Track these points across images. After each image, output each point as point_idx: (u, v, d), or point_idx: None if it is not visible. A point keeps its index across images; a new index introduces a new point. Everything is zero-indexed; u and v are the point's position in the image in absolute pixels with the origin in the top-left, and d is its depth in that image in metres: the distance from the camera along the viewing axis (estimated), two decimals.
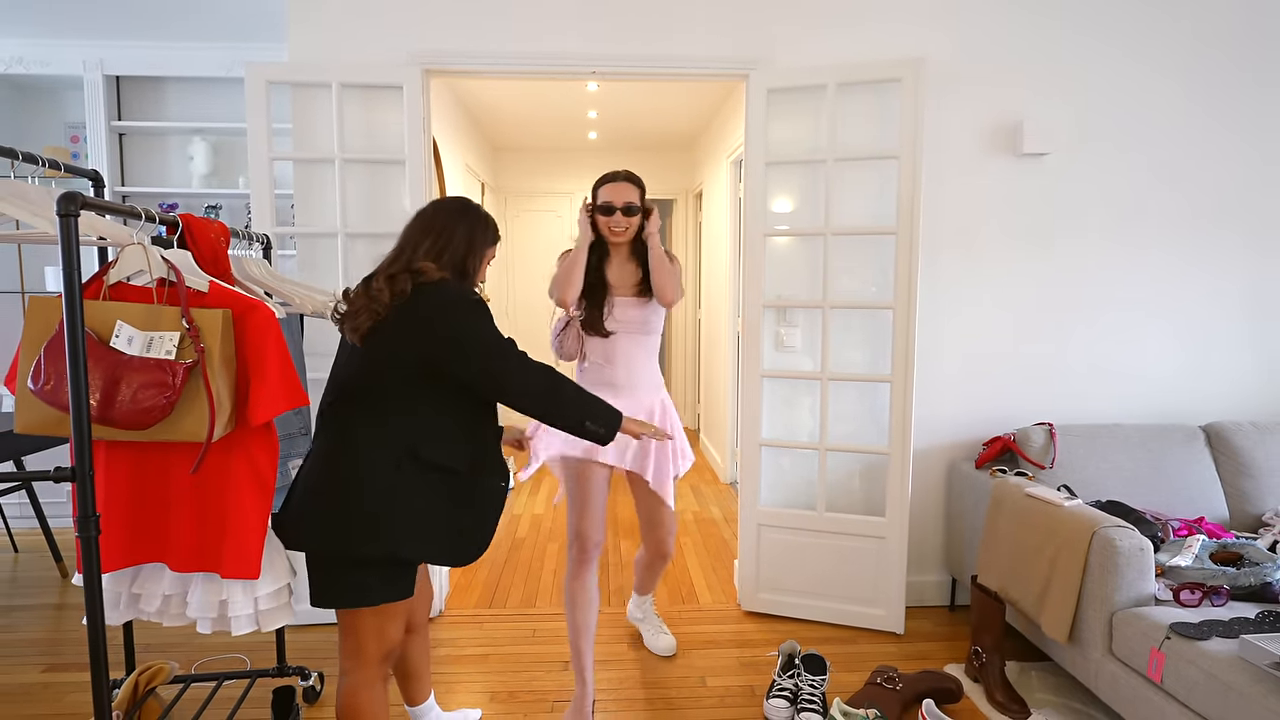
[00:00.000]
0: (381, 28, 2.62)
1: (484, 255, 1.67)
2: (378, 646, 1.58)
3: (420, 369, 1.52)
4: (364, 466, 1.50)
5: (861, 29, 2.70)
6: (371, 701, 1.59)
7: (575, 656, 2.12)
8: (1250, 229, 2.84)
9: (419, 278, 1.52)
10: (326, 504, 1.51)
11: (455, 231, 1.61)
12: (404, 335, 1.51)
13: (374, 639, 1.57)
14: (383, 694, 1.61)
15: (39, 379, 1.44)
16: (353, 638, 1.57)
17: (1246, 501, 2.53)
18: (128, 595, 1.67)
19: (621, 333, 2.16)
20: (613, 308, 2.16)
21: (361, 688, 1.58)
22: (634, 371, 2.17)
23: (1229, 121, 2.80)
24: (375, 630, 1.56)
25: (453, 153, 4.48)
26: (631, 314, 2.17)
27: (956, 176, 2.76)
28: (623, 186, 2.14)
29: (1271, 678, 1.54)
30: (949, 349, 2.82)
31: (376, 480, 1.49)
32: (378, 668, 1.59)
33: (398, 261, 1.57)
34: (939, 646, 2.59)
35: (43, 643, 2.59)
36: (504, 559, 3.41)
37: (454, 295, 1.54)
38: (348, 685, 1.59)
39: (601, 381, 2.16)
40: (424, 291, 1.52)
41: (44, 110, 3.90)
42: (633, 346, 2.17)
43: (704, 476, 4.97)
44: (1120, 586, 1.94)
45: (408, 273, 1.53)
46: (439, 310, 1.52)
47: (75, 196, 1.35)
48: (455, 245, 1.61)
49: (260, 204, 2.58)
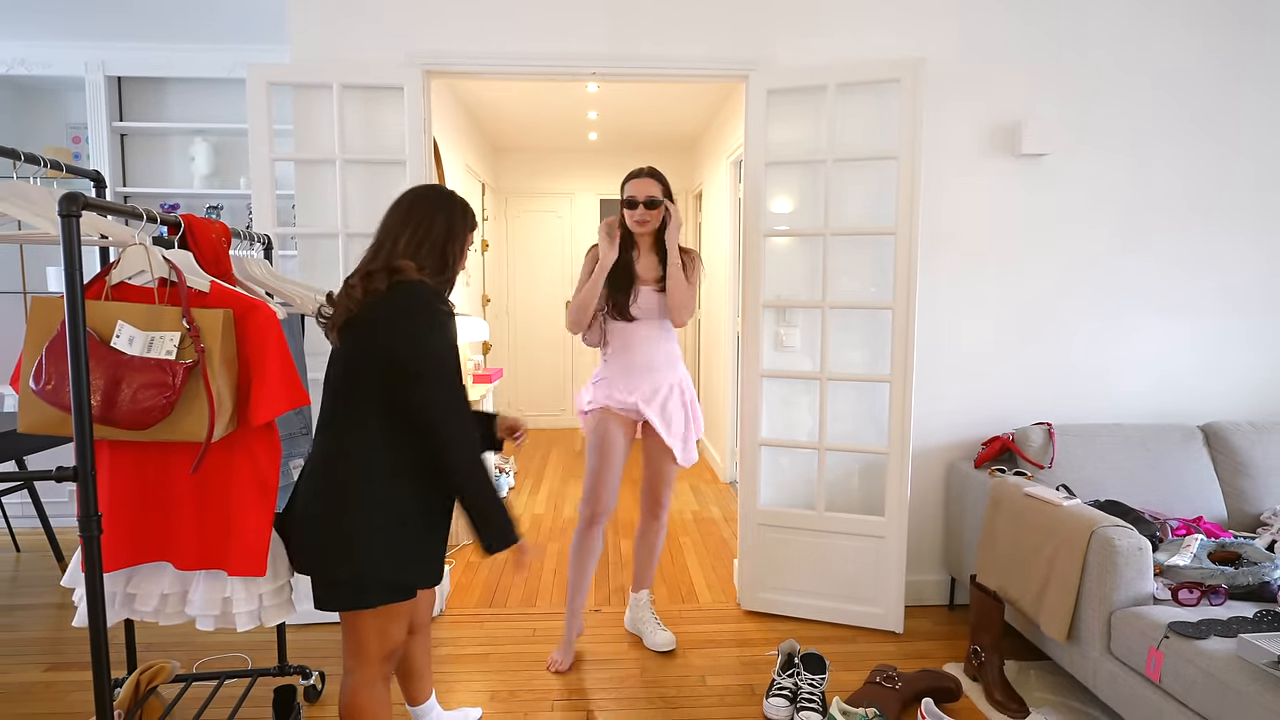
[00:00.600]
0: (382, 28, 2.62)
1: (464, 242, 1.67)
2: (380, 646, 1.58)
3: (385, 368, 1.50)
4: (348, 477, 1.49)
5: (861, 30, 2.70)
6: (373, 701, 1.59)
7: (571, 597, 2.41)
8: (1249, 229, 2.85)
9: (396, 276, 1.51)
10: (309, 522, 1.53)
11: (435, 220, 1.61)
12: (375, 332, 1.50)
13: (376, 639, 1.57)
14: (385, 693, 1.62)
15: (41, 379, 1.44)
16: (355, 637, 1.57)
17: (1244, 501, 2.54)
18: (122, 595, 1.66)
19: (642, 319, 2.35)
20: (637, 296, 2.33)
21: (363, 687, 1.58)
22: (653, 354, 2.37)
23: (1228, 122, 2.80)
24: (377, 630, 1.57)
25: (453, 153, 4.49)
26: (653, 302, 2.35)
27: (956, 177, 2.76)
28: (646, 182, 2.31)
29: (1269, 676, 1.55)
30: (948, 349, 2.83)
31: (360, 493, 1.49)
32: (380, 667, 1.60)
33: (377, 258, 1.56)
34: (938, 645, 2.59)
35: (45, 642, 2.60)
36: (504, 559, 3.41)
37: (423, 300, 1.51)
38: (350, 684, 1.59)
39: (623, 364, 2.37)
40: (398, 290, 1.51)
41: (46, 111, 3.91)
42: (652, 331, 2.37)
43: (704, 476, 4.97)
44: (1119, 586, 1.95)
45: (386, 271, 1.52)
46: (403, 313, 1.50)
47: (77, 197, 1.36)
48: (435, 234, 1.60)
49: (261, 204, 2.59)
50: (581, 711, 2.18)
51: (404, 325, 1.49)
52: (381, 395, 1.50)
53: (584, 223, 6.40)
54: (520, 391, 6.42)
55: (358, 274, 1.55)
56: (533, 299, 6.38)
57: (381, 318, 1.50)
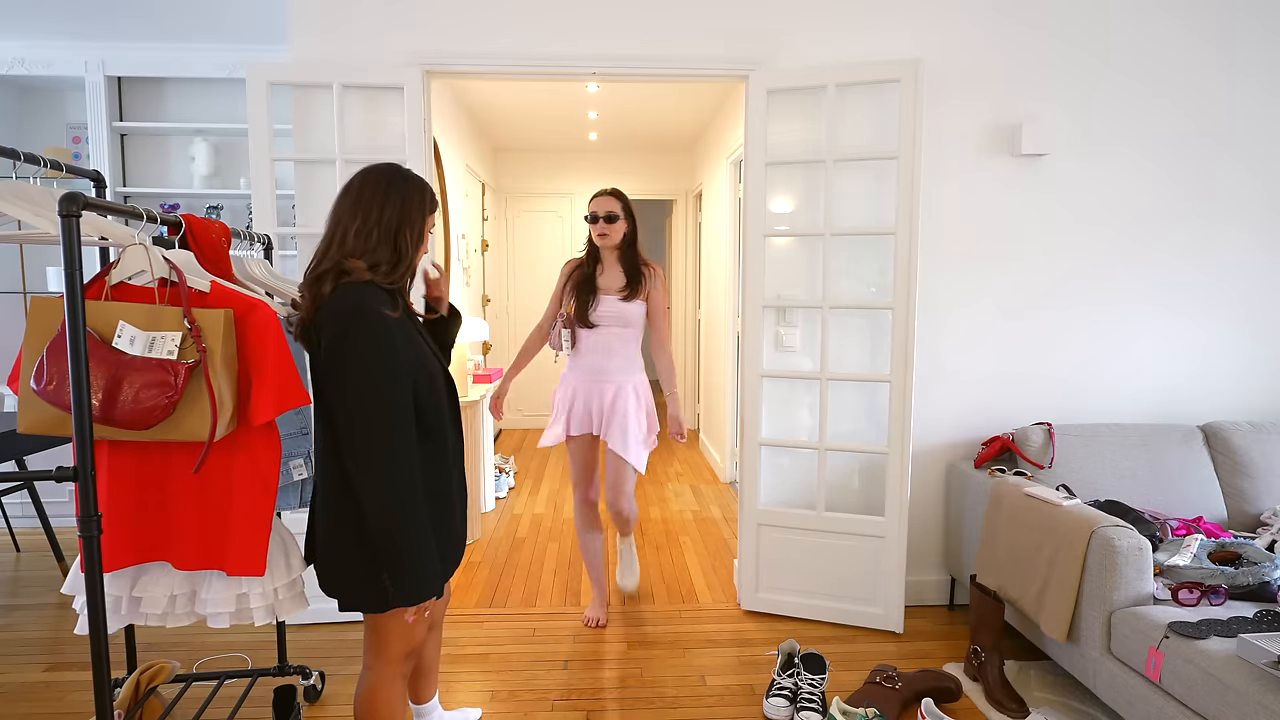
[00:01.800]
0: (382, 29, 2.62)
1: (421, 227, 1.52)
2: (402, 645, 1.59)
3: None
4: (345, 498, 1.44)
5: (860, 30, 2.70)
6: (391, 699, 1.60)
7: (590, 572, 2.81)
8: (1248, 229, 2.85)
9: (344, 279, 1.41)
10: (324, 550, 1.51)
11: (385, 206, 1.46)
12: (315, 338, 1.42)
13: (399, 637, 1.57)
14: (402, 691, 1.63)
15: (41, 379, 1.44)
16: (379, 635, 1.58)
17: (1244, 501, 2.54)
18: (128, 599, 1.66)
19: (603, 326, 2.60)
20: (598, 305, 2.59)
21: (383, 684, 1.60)
22: (612, 358, 2.61)
23: (1226, 121, 2.81)
24: (401, 629, 1.56)
25: (453, 153, 4.49)
26: (614, 310, 2.59)
27: (955, 177, 2.77)
28: (606, 200, 2.63)
29: (1269, 676, 1.55)
30: (947, 349, 2.83)
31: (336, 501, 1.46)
32: (400, 665, 1.61)
33: (327, 256, 1.44)
34: (938, 645, 2.59)
35: (45, 642, 2.60)
36: (504, 559, 3.42)
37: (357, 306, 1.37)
38: (369, 682, 1.60)
39: (584, 366, 2.64)
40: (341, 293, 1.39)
41: (46, 111, 3.91)
42: (613, 339, 2.61)
43: (703, 476, 4.97)
44: (1119, 586, 1.95)
45: (335, 272, 1.41)
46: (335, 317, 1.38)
47: (77, 197, 1.36)
48: (386, 220, 1.46)
49: (261, 204, 2.59)
50: (581, 712, 2.18)
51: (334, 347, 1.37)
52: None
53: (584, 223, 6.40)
54: (520, 391, 6.41)
55: (307, 277, 1.45)
56: (533, 299, 6.38)
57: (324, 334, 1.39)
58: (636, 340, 2.65)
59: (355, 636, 2.62)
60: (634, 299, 2.59)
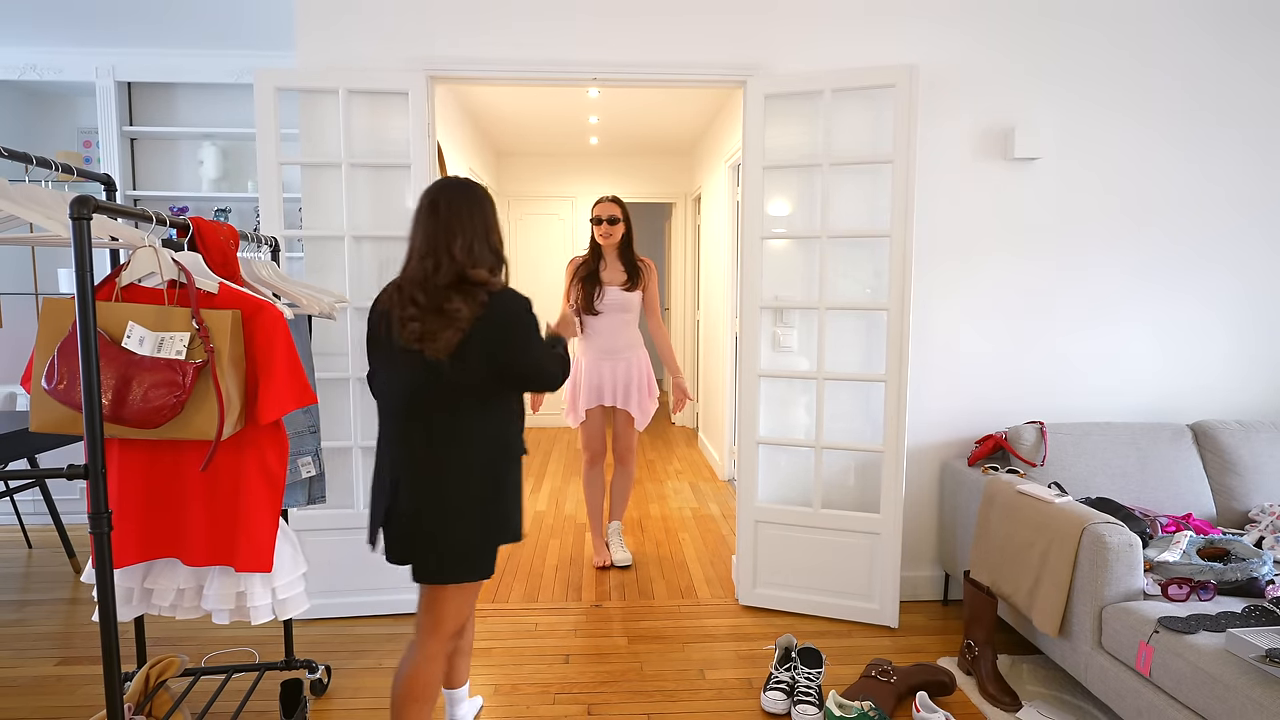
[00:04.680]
0: (387, 35, 2.67)
1: (499, 228, 1.73)
2: (456, 620, 1.69)
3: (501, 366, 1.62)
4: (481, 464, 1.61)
5: (856, 37, 2.74)
6: (436, 675, 1.70)
7: (592, 519, 3.35)
8: (1239, 231, 2.88)
9: (484, 289, 1.60)
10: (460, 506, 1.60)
11: (474, 220, 1.64)
12: (490, 338, 1.59)
13: (455, 612, 1.68)
14: (441, 671, 1.72)
15: (53, 379, 1.47)
16: (438, 611, 1.66)
17: (1233, 498, 2.57)
18: (140, 590, 1.70)
19: (607, 312, 3.14)
20: (603, 295, 3.11)
21: (431, 660, 1.68)
22: (617, 338, 3.17)
23: (1217, 124, 2.83)
24: (457, 605, 1.67)
25: (457, 157, 4.54)
26: (618, 299, 3.13)
27: (949, 180, 2.80)
28: (608, 205, 3.15)
29: (1257, 670, 1.57)
30: (942, 349, 2.86)
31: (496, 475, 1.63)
32: (450, 642, 1.71)
33: (440, 269, 1.59)
34: (932, 640, 2.62)
35: (56, 636, 2.65)
36: (506, 554, 3.45)
37: (523, 300, 1.66)
38: (418, 657, 1.68)
39: (595, 346, 3.17)
40: (499, 299, 1.61)
41: (57, 116, 3.97)
42: (616, 323, 3.16)
43: (702, 474, 5.00)
44: (1110, 581, 1.97)
45: (470, 285, 1.59)
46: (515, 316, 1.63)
47: (88, 200, 1.39)
48: (485, 232, 1.65)
49: (269, 207, 2.63)
50: (582, 705, 2.22)
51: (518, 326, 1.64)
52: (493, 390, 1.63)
53: (586, 225, 6.39)
54: None
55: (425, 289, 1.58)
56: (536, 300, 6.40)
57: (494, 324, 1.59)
58: (635, 323, 3.22)
59: (361, 631, 2.67)
60: (634, 289, 3.15)
